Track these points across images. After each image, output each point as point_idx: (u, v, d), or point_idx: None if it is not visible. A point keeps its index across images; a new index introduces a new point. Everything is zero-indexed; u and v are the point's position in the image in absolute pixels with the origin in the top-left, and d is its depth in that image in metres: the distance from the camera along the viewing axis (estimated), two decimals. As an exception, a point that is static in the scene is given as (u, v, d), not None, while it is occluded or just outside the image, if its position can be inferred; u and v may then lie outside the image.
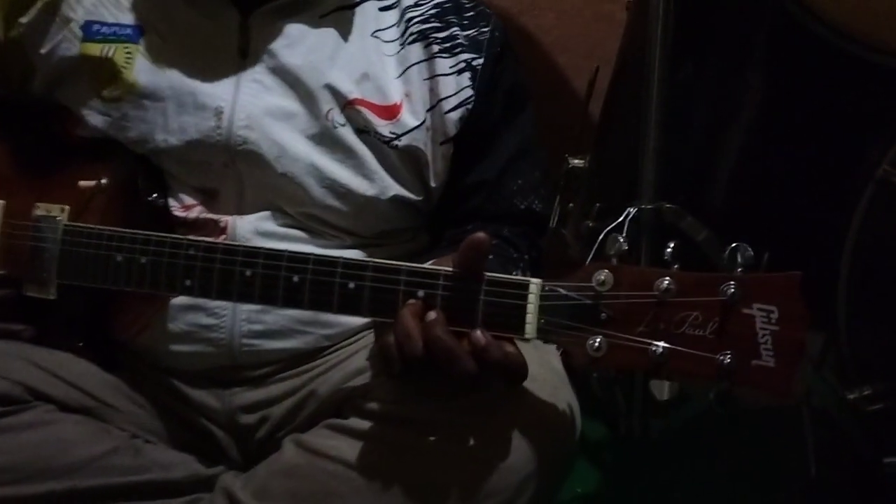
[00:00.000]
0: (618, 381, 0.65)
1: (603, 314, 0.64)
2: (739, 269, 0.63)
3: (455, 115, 0.86)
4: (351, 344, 0.88)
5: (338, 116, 0.85)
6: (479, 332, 0.65)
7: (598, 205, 1.22)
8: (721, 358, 0.62)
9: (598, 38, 1.58)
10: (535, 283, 0.66)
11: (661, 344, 0.63)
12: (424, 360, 0.65)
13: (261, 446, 0.86)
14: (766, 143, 1.10)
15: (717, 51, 1.12)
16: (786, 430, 1.14)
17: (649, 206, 1.01)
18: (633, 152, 1.09)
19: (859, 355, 1.00)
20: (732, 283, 0.62)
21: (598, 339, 0.64)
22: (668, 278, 0.63)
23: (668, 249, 0.65)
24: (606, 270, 0.65)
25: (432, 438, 0.72)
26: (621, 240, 0.66)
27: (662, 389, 0.64)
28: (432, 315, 0.66)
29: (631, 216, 0.98)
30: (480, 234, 0.65)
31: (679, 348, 0.62)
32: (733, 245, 0.63)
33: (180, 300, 0.84)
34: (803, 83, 1.06)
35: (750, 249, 0.63)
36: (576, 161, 1.34)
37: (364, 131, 0.85)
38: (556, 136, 1.33)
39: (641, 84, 1.06)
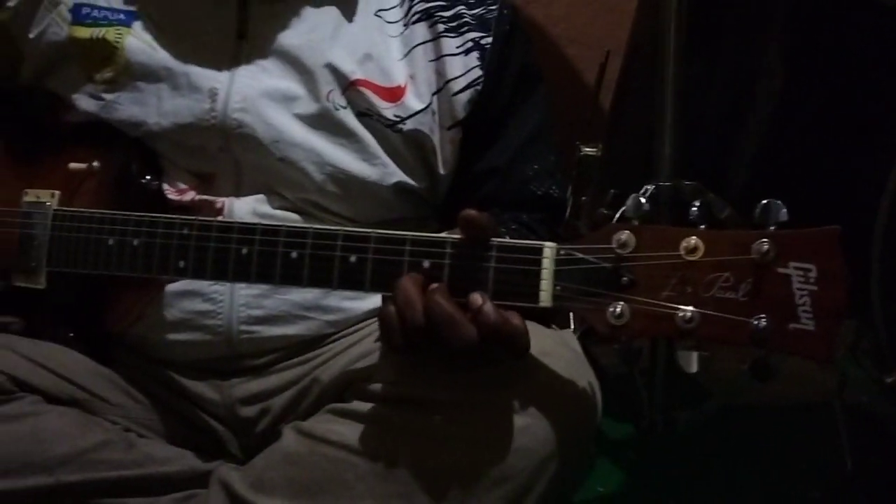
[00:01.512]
0: (642, 353, 0.59)
1: (624, 278, 0.59)
2: (772, 227, 0.58)
3: (464, 97, 0.83)
4: (356, 332, 0.83)
5: (339, 98, 0.81)
6: (476, 294, 0.60)
7: (612, 191, 1.18)
8: (756, 322, 0.57)
9: (608, 28, 1.56)
10: (549, 247, 0.61)
11: (690, 309, 0.57)
12: (425, 329, 0.60)
13: (262, 440, 0.82)
14: (790, 113, 1.05)
15: (737, 17, 1.08)
16: (818, 423, 1.09)
17: (667, 183, 0.96)
18: (649, 136, 1.05)
19: (896, 337, 0.94)
20: (766, 240, 0.57)
21: (619, 306, 0.59)
22: (694, 237, 0.58)
23: (694, 209, 0.60)
24: (627, 231, 0.60)
25: (439, 418, 0.67)
26: (643, 200, 0.61)
27: (690, 360, 0.59)
28: (435, 284, 0.62)
29: (649, 194, 0.93)
30: (469, 211, 0.62)
31: (709, 312, 0.57)
32: (765, 201, 0.58)
33: (175, 286, 0.80)
34: (828, 42, 1.01)
35: (783, 205, 0.58)
36: (588, 149, 1.30)
37: (366, 114, 0.82)
38: (567, 125, 1.30)
39: (656, 61, 1.02)
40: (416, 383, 0.69)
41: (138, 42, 0.82)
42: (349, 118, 0.81)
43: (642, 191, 0.92)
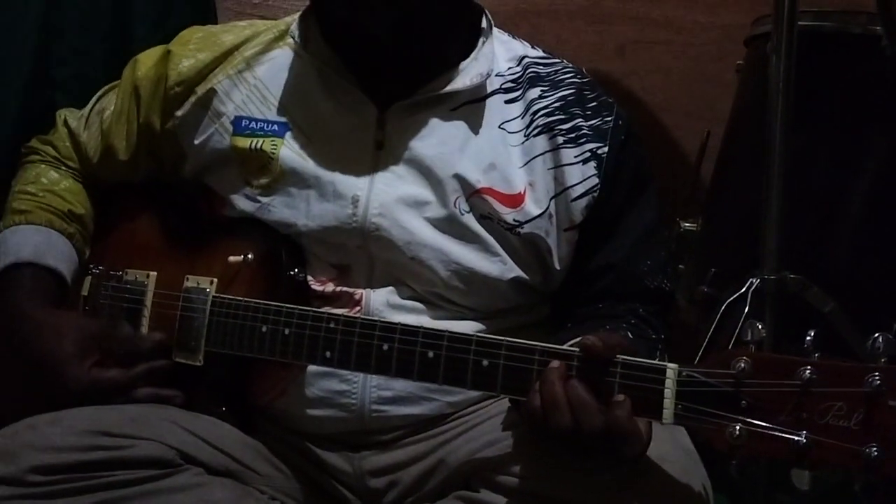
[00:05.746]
0: (759, 469, 0.64)
1: (743, 402, 0.65)
2: (883, 360, 0.62)
3: (581, 203, 0.90)
4: (475, 412, 0.90)
5: (463, 204, 0.89)
6: (622, 395, 0.68)
7: (713, 270, 1.21)
8: (867, 450, 0.61)
9: (705, 99, 1.59)
10: (671, 369, 0.67)
11: (804, 434, 0.63)
12: (568, 418, 0.68)
13: (389, 510, 0.89)
14: (893, 205, 1.07)
15: (838, 113, 1.11)
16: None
17: (772, 277, 1.00)
18: (750, 217, 1.08)
19: None
20: (877, 373, 0.62)
21: (738, 427, 0.64)
22: (810, 367, 0.63)
23: (809, 338, 0.65)
24: (745, 357, 0.65)
25: None
26: (759, 326, 0.66)
27: (803, 479, 0.64)
28: (574, 381, 0.70)
29: (754, 287, 0.97)
30: (588, 340, 0.70)
31: (823, 439, 0.62)
32: (876, 335, 0.63)
33: (316, 367, 0.88)
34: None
35: (893, 338, 0.63)
36: (687, 224, 1.34)
37: (487, 217, 0.90)
38: (665, 198, 1.34)
39: (760, 150, 1.06)
40: (545, 481, 0.75)
41: (291, 152, 0.91)
42: (472, 222, 0.89)
43: (747, 284, 0.96)
